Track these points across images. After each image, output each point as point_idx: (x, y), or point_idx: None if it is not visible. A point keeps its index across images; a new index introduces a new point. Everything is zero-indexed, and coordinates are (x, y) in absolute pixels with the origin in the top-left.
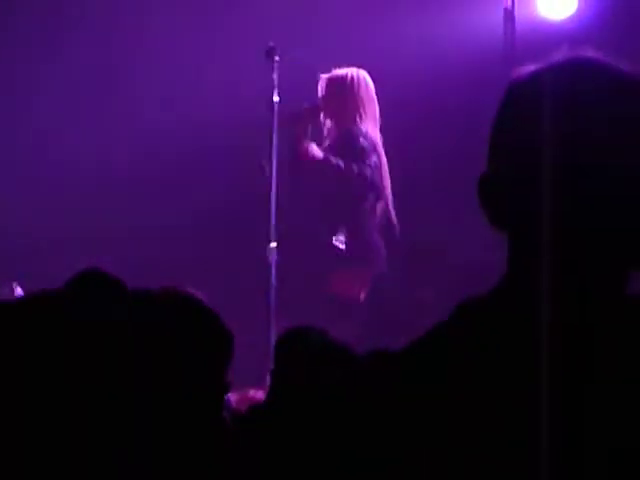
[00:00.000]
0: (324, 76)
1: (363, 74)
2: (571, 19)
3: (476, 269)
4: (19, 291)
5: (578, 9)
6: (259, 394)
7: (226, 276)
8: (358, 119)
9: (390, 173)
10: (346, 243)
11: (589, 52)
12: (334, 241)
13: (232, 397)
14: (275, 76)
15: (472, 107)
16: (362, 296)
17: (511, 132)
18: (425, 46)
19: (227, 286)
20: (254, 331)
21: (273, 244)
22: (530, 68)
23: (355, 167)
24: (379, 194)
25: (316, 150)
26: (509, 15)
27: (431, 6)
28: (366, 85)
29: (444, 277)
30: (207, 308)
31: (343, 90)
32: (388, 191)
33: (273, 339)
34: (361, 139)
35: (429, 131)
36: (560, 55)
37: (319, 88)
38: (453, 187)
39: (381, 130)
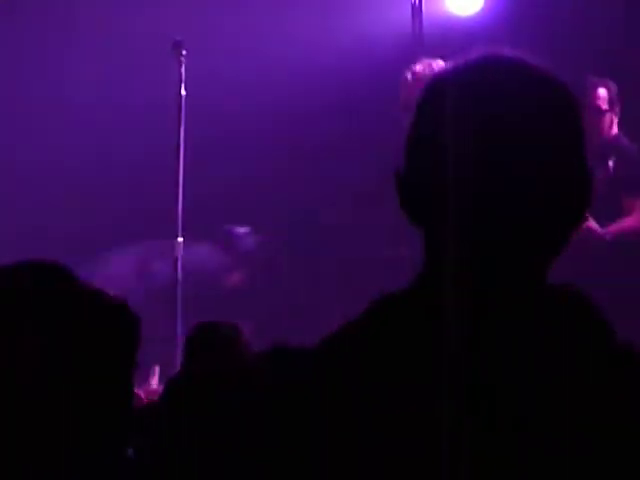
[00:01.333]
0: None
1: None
2: (478, 15)
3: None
4: None
5: (485, 5)
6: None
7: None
8: None
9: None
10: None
11: (504, 49)
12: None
13: (137, 391)
14: (182, 70)
15: (382, 103)
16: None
17: (426, 130)
18: (333, 42)
19: (138, 281)
20: (161, 326)
21: (180, 239)
22: (447, 66)
23: None
24: None
25: None
26: (416, 11)
27: (338, 2)
28: None
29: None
30: (114, 297)
31: None
32: None
33: (180, 334)
34: None
35: (339, 127)
36: (475, 51)
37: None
38: (365, 182)
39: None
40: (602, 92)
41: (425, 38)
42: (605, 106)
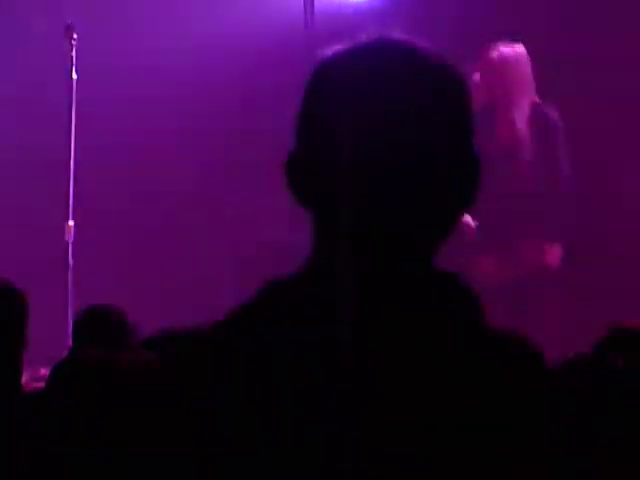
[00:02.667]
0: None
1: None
2: (370, 1)
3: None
4: None
5: None
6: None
7: (24, 255)
8: None
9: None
10: None
11: (394, 33)
12: None
13: (24, 376)
14: (73, 54)
15: (277, 90)
16: None
17: (316, 113)
18: (225, 30)
19: (25, 266)
20: (52, 310)
21: (70, 222)
22: (336, 49)
23: None
24: None
25: None
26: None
27: None
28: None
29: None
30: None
31: None
32: None
33: (71, 318)
34: None
35: (235, 116)
36: (365, 36)
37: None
38: (265, 170)
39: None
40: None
41: (318, 26)
42: None
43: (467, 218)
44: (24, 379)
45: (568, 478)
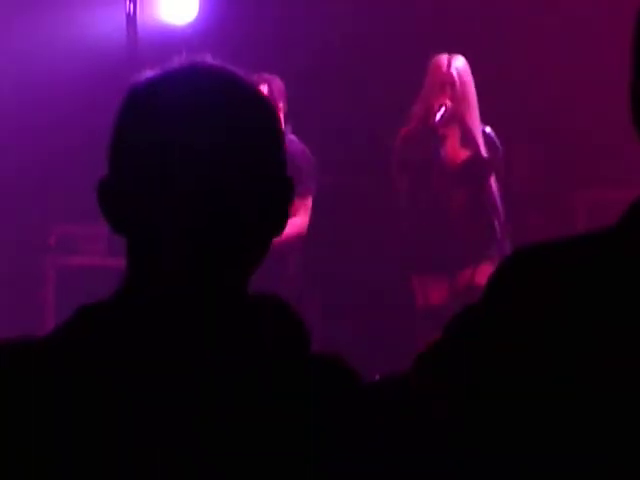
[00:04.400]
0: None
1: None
2: (193, 24)
3: None
4: None
5: (199, 14)
6: None
7: None
8: None
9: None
10: None
11: (207, 58)
12: None
13: None
14: None
15: (98, 113)
16: None
17: (129, 139)
18: (46, 53)
19: None
20: None
21: None
22: (149, 74)
23: None
24: None
25: None
26: (131, 20)
27: (50, 13)
28: None
29: None
30: None
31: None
32: None
33: None
34: None
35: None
36: (179, 60)
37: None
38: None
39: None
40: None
41: (140, 47)
42: None
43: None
44: None
45: None
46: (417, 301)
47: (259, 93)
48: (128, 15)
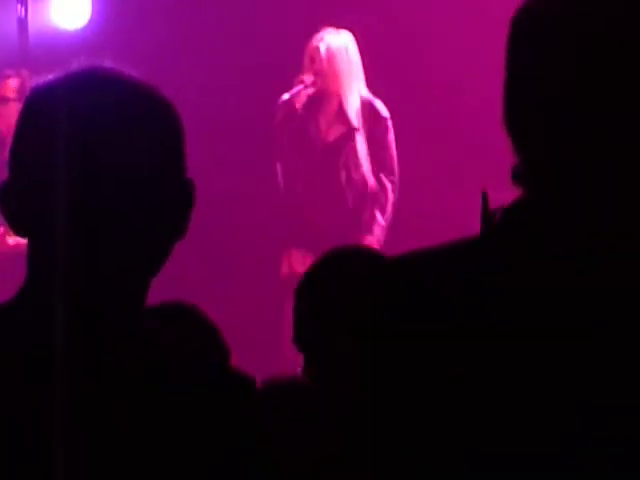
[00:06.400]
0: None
1: None
2: (85, 27)
3: None
4: None
5: (91, 19)
6: None
7: None
8: None
9: None
10: None
11: (105, 61)
12: None
13: None
14: None
15: None
16: None
17: (27, 143)
18: None
19: None
20: None
21: None
22: (48, 78)
23: None
24: None
25: None
26: (23, 24)
27: None
28: None
29: None
30: None
31: None
32: None
33: None
34: None
35: None
36: (76, 64)
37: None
38: None
39: None
40: (12, 83)
41: (31, 51)
42: (13, 95)
43: None
44: None
45: None
46: (282, 270)
47: (160, 96)
48: (19, 19)
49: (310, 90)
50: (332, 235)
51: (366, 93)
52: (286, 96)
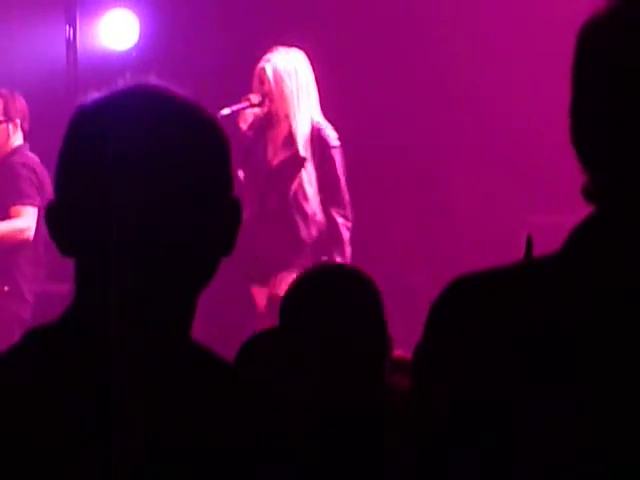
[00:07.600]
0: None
1: None
2: (133, 49)
3: None
4: None
5: (140, 39)
6: None
7: None
8: None
9: None
10: None
11: (151, 79)
12: None
13: None
14: None
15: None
16: None
17: (77, 164)
18: None
19: None
20: None
21: None
22: (95, 96)
23: None
24: None
25: None
26: (71, 46)
27: None
28: None
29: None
30: None
31: None
32: None
33: None
34: None
35: None
36: (123, 83)
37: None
38: None
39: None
40: None
41: (80, 73)
42: (0, 117)
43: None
44: None
45: None
46: (257, 305)
47: (207, 114)
48: (68, 41)
49: (258, 110)
50: (271, 269)
51: (318, 117)
52: (226, 111)
